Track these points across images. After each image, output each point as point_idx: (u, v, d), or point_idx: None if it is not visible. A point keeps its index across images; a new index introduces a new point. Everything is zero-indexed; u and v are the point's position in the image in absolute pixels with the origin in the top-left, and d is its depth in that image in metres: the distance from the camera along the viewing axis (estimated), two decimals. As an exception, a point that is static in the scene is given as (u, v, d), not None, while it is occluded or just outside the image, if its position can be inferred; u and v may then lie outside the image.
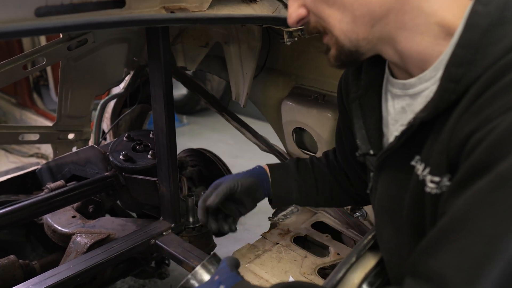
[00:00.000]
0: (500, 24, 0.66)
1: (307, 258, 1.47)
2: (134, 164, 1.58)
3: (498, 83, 0.63)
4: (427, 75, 0.75)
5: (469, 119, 0.65)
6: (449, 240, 0.63)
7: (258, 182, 1.24)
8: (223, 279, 0.92)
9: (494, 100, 0.62)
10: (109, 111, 2.24)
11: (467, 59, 0.67)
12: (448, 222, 0.64)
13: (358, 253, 0.88)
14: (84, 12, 0.89)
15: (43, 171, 1.94)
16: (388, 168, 0.89)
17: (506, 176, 0.57)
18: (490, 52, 0.65)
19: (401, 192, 0.83)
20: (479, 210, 0.60)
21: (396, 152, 0.84)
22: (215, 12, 1.12)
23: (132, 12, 0.97)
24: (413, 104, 0.80)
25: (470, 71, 0.67)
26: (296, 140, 1.70)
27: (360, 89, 0.95)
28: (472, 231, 0.60)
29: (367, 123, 0.94)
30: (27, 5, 0.80)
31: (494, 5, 0.67)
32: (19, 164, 2.86)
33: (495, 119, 0.61)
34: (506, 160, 0.58)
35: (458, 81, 0.68)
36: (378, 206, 0.95)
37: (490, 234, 0.58)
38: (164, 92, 1.33)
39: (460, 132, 0.66)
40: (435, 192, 0.73)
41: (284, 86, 1.69)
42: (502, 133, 0.59)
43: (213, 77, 4.53)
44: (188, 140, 4.28)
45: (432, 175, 0.73)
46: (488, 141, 0.60)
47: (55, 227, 1.59)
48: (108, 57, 1.86)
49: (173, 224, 1.52)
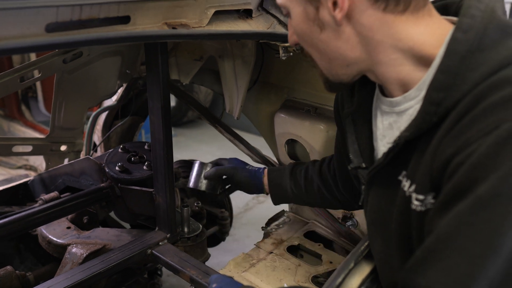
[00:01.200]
0: (479, 50, 0.70)
1: (300, 266, 1.51)
2: (130, 175, 1.60)
3: (476, 109, 0.67)
4: (411, 95, 0.80)
5: (450, 143, 0.69)
6: (435, 259, 0.67)
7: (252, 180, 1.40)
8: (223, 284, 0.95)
9: (472, 125, 0.66)
10: (101, 123, 2.25)
11: (447, 84, 0.71)
12: (433, 242, 0.69)
13: (355, 259, 0.92)
14: (91, 28, 0.93)
15: (36, 182, 1.94)
16: (377, 182, 0.94)
17: (484, 198, 0.62)
18: (469, 78, 0.69)
19: (389, 206, 0.87)
20: (461, 231, 0.64)
21: (385, 167, 0.89)
22: (214, 28, 1.17)
23: (136, 28, 1.00)
24: (399, 121, 0.85)
25: (450, 95, 0.71)
26: (288, 152, 1.75)
27: (353, 105, 1.00)
28: (455, 251, 0.64)
29: (359, 138, 0.99)
30: (38, 22, 0.83)
31: (474, 32, 0.71)
32: (7, 176, 2.83)
33: (473, 143, 0.65)
34: (484, 183, 0.62)
35: (439, 104, 0.72)
36: (369, 218, 1.00)
37: (472, 254, 0.62)
38: (161, 105, 1.37)
39: (442, 155, 0.70)
40: (420, 209, 0.77)
41: (276, 99, 1.74)
42: (479, 156, 0.63)
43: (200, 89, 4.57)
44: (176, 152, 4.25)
45: (417, 193, 0.77)
46: (467, 164, 0.65)
47: (50, 238, 1.59)
48: (102, 70, 1.89)
49: (169, 234, 1.54)
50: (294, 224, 1.78)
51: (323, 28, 0.82)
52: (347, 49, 0.82)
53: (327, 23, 0.81)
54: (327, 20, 0.80)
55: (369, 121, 0.97)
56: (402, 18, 0.76)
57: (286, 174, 1.37)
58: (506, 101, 0.64)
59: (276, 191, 1.39)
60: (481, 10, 0.73)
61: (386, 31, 0.77)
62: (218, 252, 2.68)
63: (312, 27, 0.83)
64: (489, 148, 0.63)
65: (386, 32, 0.77)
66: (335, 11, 0.77)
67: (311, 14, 0.82)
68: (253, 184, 1.40)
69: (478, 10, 0.73)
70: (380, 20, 0.77)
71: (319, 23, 0.82)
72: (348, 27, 0.79)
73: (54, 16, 0.85)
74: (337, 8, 0.77)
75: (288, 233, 1.71)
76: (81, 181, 1.74)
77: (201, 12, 1.13)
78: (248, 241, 1.73)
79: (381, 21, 0.77)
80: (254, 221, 1.80)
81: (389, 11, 0.76)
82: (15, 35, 0.81)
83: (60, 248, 1.57)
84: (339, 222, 1.68)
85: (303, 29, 0.85)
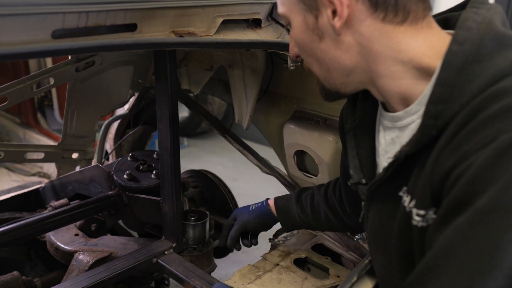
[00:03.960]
0: (475, 62, 0.69)
1: (307, 280, 1.48)
2: (137, 184, 1.60)
3: (474, 120, 0.66)
4: (412, 109, 0.78)
5: (449, 155, 0.68)
6: (434, 275, 0.65)
7: (265, 219, 1.48)
8: None
9: (471, 137, 0.65)
10: (113, 131, 2.28)
11: (445, 97, 0.70)
12: (432, 257, 0.67)
13: (359, 273, 0.90)
14: (97, 35, 0.94)
15: (47, 189, 1.96)
16: (378, 198, 0.92)
17: (484, 212, 0.60)
18: (467, 90, 0.68)
19: (390, 222, 0.85)
20: (460, 246, 0.62)
21: (385, 183, 0.87)
22: (222, 37, 1.17)
23: (143, 35, 1.01)
24: (401, 136, 0.84)
25: (449, 108, 0.69)
26: (297, 163, 1.73)
27: (355, 120, 0.99)
28: (454, 266, 0.62)
29: (360, 153, 0.97)
30: (45, 28, 0.85)
31: (470, 43, 0.70)
32: (21, 182, 2.88)
33: (472, 155, 0.63)
34: (483, 196, 0.60)
35: (437, 118, 0.71)
36: (370, 234, 0.98)
37: (471, 269, 0.60)
38: (169, 113, 1.37)
39: (441, 168, 0.69)
40: (421, 225, 0.75)
41: (286, 110, 1.73)
42: (478, 169, 0.62)
43: (214, 99, 4.59)
44: (187, 163, 4.30)
45: (417, 209, 0.75)
46: (466, 177, 0.63)
47: (58, 244, 1.60)
48: (114, 79, 1.91)
49: (175, 244, 1.53)
50: (302, 236, 1.75)
51: (322, 37, 0.82)
52: (346, 59, 0.81)
53: (326, 32, 0.81)
54: (327, 29, 0.80)
55: (371, 137, 0.95)
56: (400, 29, 0.76)
57: (292, 202, 1.41)
58: (504, 112, 0.63)
59: (284, 219, 1.45)
60: (478, 22, 0.72)
61: (385, 41, 0.77)
62: (225, 263, 2.66)
63: (312, 36, 0.83)
64: (487, 160, 0.61)
65: (385, 42, 0.77)
66: (334, 20, 0.77)
67: (311, 23, 0.82)
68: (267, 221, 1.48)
69: (475, 22, 0.72)
70: (379, 30, 0.76)
71: (318, 32, 0.82)
72: (347, 36, 0.79)
73: (61, 22, 0.86)
74: (336, 17, 0.77)
75: (295, 245, 1.69)
76: (91, 188, 1.75)
77: (209, 21, 1.13)
78: (257, 252, 1.71)
79: (380, 31, 0.76)
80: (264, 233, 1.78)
81: (388, 21, 0.76)
82: (22, 41, 0.83)
83: (67, 255, 1.57)
84: (348, 235, 1.65)
85: (303, 39, 0.85)
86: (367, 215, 0.97)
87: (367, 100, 0.95)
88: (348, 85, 0.86)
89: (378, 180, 0.88)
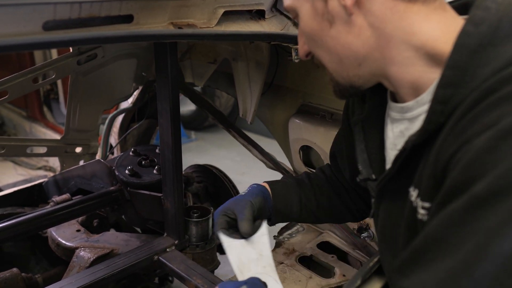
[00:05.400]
0: (491, 45, 0.64)
1: (311, 278, 1.45)
2: (139, 179, 1.57)
3: (481, 104, 0.61)
4: (424, 98, 0.74)
5: (452, 141, 0.63)
6: (422, 260, 0.61)
7: (265, 200, 1.14)
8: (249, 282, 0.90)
9: (475, 121, 0.60)
10: (117, 125, 2.25)
11: (455, 81, 0.65)
12: (422, 242, 0.63)
13: (363, 276, 0.86)
14: (92, 27, 0.90)
15: (50, 184, 1.94)
16: (387, 194, 0.88)
17: (481, 197, 0.55)
18: (479, 74, 0.63)
19: (399, 220, 0.81)
20: (453, 230, 0.58)
21: (394, 178, 0.83)
22: (223, 29, 1.13)
23: (140, 27, 0.97)
24: (411, 128, 0.79)
25: (459, 93, 0.65)
26: (303, 158, 1.69)
27: (364, 112, 0.94)
28: (443, 250, 0.59)
29: (369, 147, 0.93)
30: (35, 19, 0.81)
31: (486, 25, 0.65)
32: (27, 176, 2.87)
33: (473, 139, 0.59)
34: (480, 181, 0.56)
35: (446, 103, 0.66)
36: (380, 233, 0.93)
37: (463, 255, 0.56)
38: (170, 107, 1.33)
39: (444, 155, 0.64)
40: (426, 219, 0.70)
41: (291, 104, 1.69)
42: (477, 152, 0.57)
43: (222, 93, 4.55)
44: (195, 156, 4.28)
45: (422, 201, 0.71)
46: (464, 161, 0.59)
47: (59, 240, 1.58)
48: (117, 72, 1.88)
49: (177, 241, 1.50)
50: (307, 233, 1.71)
51: (333, 22, 0.78)
52: (359, 45, 0.77)
53: (337, 15, 0.76)
54: (337, 12, 0.76)
55: (381, 130, 0.91)
56: (413, 8, 0.72)
57: (290, 186, 1.20)
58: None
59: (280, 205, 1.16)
60: (497, 2, 0.66)
61: (397, 22, 0.72)
62: (232, 259, 2.64)
63: (321, 23, 0.79)
64: (487, 143, 0.56)
65: (398, 24, 0.72)
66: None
67: (320, 9, 0.78)
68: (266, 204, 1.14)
69: (494, 2, 0.66)
70: (392, 9, 0.72)
71: (328, 17, 0.78)
72: (359, 17, 0.75)
73: (52, 13, 0.82)
74: None
75: (300, 243, 1.65)
76: (93, 183, 1.72)
77: (210, 12, 1.09)
78: (264, 249, 1.68)
79: (392, 10, 0.72)
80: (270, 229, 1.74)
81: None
82: (11, 32, 0.79)
83: (68, 251, 1.55)
84: (355, 233, 1.61)
85: (313, 27, 0.81)
86: (377, 213, 0.92)
87: (376, 90, 0.91)
88: (362, 77, 0.82)
89: (387, 175, 0.83)
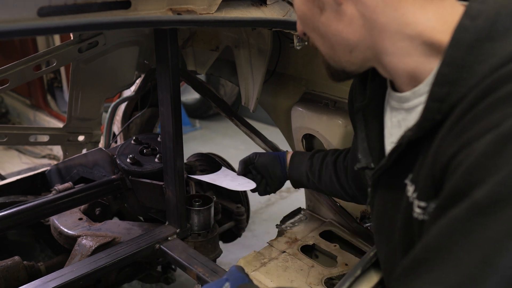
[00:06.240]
0: (489, 39, 0.61)
1: (314, 268, 1.44)
2: (141, 168, 1.56)
3: (481, 104, 0.58)
4: (421, 90, 0.71)
5: (452, 142, 0.61)
6: (423, 270, 0.59)
7: (275, 160, 1.41)
8: (231, 278, 0.90)
9: (475, 122, 0.58)
10: (120, 113, 2.24)
11: (452, 78, 0.63)
12: (423, 250, 0.60)
13: (363, 266, 0.85)
14: (88, 13, 0.88)
15: (52, 172, 1.94)
16: (383, 185, 0.86)
17: (483, 204, 0.53)
18: (477, 71, 0.61)
19: (395, 213, 0.79)
20: (454, 239, 0.56)
21: (391, 169, 0.81)
22: (223, 15, 1.11)
23: (138, 13, 0.95)
24: (408, 119, 0.77)
25: (456, 90, 0.63)
26: (305, 147, 1.67)
27: (365, 99, 0.92)
28: (446, 261, 0.56)
29: (369, 135, 0.91)
30: (30, 5, 0.80)
31: (483, 18, 0.62)
32: (31, 165, 2.88)
33: (474, 142, 0.57)
34: (482, 187, 0.53)
35: (442, 101, 0.64)
36: (375, 224, 0.92)
37: (464, 265, 0.54)
38: (171, 95, 1.32)
39: (443, 156, 0.62)
40: (422, 218, 0.69)
41: (294, 92, 1.66)
42: (478, 157, 0.55)
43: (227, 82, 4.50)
44: (199, 145, 4.27)
45: (419, 200, 0.69)
46: (465, 165, 0.57)
47: (61, 229, 1.58)
48: (119, 60, 1.86)
49: (178, 229, 1.50)
50: (310, 222, 1.70)
51: (323, 9, 0.75)
52: (350, 33, 0.74)
53: (327, 2, 0.74)
54: (327, 0, 0.74)
55: (381, 118, 0.89)
56: None
57: (306, 157, 1.37)
58: None
59: (293, 172, 1.39)
60: None
61: (391, 13, 0.69)
62: (236, 248, 2.64)
63: (312, 8, 0.77)
64: (489, 147, 0.54)
65: (391, 14, 0.69)
66: None
67: None
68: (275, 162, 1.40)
69: None
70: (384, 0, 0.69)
71: (319, 3, 0.76)
72: (349, 7, 0.72)
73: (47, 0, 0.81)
74: None
75: (303, 232, 1.64)
76: (94, 172, 1.72)
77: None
78: (268, 237, 1.67)
79: (384, 0, 0.69)
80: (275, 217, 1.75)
81: None
82: (5, 19, 0.78)
83: (70, 239, 1.55)
84: (358, 222, 1.60)
85: (304, 12, 0.80)
86: (373, 203, 0.91)
87: (377, 77, 0.89)
88: (354, 63, 0.80)
89: (382, 167, 0.82)
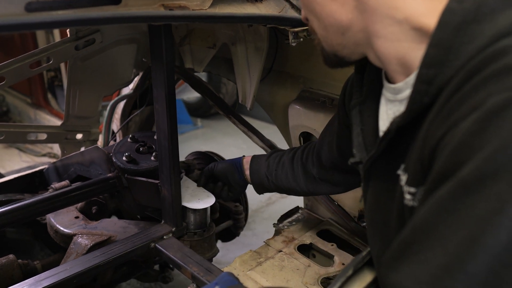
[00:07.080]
0: (475, 21, 0.60)
1: (310, 267, 1.43)
2: (136, 166, 1.55)
3: (467, 85, 0.57)
4: (412, 79, 0.70)
5: (439, 125, 0.60)
6: (411, 252, 0.59)
7: (232, 166, 1.50)
8: (220, 282, 0.89)
9: (462, 103, 0.57)
10: (119, 112, 2.23)
11: (438, 59, 0.62)
12: (410, 232, 0.60)
13: (355, 266, 0.83)
14: (77, 8, 0.87)
15: (50, 170, 1.93)
16: (375, 177, 0.85)
17: (467, 182, 0.52)
18: (463, 52, 0.60)
19: (389, 204, 0.77)
20: (441, 219, 0.55)
21: (381, 160, 0.80)
22: (217, 11, 1.09)
23: (129, 9, 0.94)
24: (401, 110, 0.74)
25: (443, 72, 0.61)
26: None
27: (362, 96, 0.92)
28: (433, 241, 0.55)
29: (365, 130, 0.90)
30: (17, 0, 0.79)
31: (470, 1, 0.61)
32: (31, 163, 2.88)
33: (460, 123, 0.56)
34: (467, 165, 0.52)
35: (430, 83, 0.63)
36: (368, 218, 0.91)
37: (452, 244, 0.53)
38: (166, 93, 1.30)
39: (432, 139, 0.61)
40: (411, 204, 0.67)
41: (292, 89, 1.65)
42: (463, 136, 0.54)
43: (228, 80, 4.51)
44: (201, 144, 4.26)
45: (409, 186, 0.68)
46: (450, 146, 0.56)
47: (57, 227, 1.57)
48: (117, 58, 1.85)
49: (174, 228, 1.49)
50: (307, 221, 1.69)
51: None
52: (342, 14, 0.75)
53: None
54: None
55: (376, 112, 0.87)
56: None
57: (263, 160, 1.44)
58: (499, 73, 0.54)
59: (254, 178, 1.46)
60: None
61: None
62: (236, 247, 2.63)
63: None
64: (474, 126, 0.53)
65: None
66: None
67: None
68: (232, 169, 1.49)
69: None
70: None
71: None
72: None
73: (34, -6, 0.80)
74: None
75: (300, 231, 1.63)
76: (91, 170, 1.71)
77: (203, -7, 1.06)
78: (268, 236, 1.66)
79: None
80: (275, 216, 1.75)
81: None
82: (-9, 14, 0.77)
83: (66, 238, 1.55)
84: (355, 221, 1.58)
85: None
86: (365, 197, 0.90)
87: (374, 72, 0.88)
88: (346, 46, 0.80)
89: (372, 157, 0.81)
